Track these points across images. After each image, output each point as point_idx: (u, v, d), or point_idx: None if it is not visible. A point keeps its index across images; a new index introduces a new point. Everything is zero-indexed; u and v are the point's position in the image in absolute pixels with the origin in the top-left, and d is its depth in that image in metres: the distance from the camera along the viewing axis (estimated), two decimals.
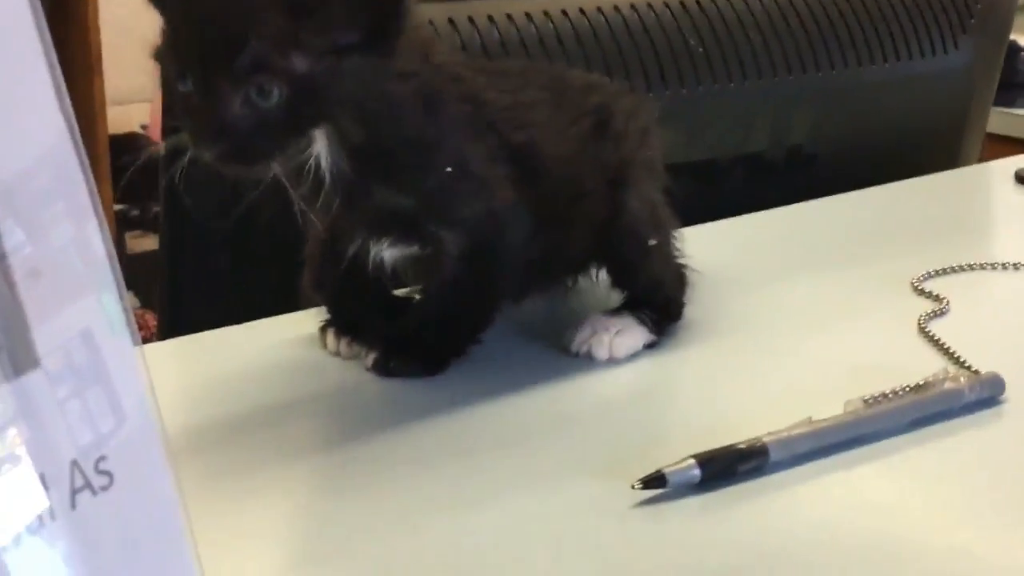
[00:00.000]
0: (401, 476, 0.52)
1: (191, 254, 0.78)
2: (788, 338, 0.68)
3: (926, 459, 0.54)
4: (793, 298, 0.73)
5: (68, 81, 0.36)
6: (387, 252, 0.61)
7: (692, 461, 0.50)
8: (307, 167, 0.55)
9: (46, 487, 0.32)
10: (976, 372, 0.60)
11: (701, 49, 0.86)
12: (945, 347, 0.64)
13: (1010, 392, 0.58)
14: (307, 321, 0.66)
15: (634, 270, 0.66)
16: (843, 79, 0.93)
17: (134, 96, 2.78)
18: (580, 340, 0.64)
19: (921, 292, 0.72)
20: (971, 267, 0.76)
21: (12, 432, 0.31)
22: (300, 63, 0.52)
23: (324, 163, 0.56)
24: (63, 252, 0.35)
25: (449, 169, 0.58)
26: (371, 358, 0.62)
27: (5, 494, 0.31)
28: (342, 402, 0.60)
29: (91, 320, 0.36)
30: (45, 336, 0.33)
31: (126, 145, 2.68)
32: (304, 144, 0.55)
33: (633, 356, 0.64)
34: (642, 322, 0.65)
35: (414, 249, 0.61)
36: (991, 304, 0.74)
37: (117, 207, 2.66)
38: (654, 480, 0.49)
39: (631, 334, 0.65)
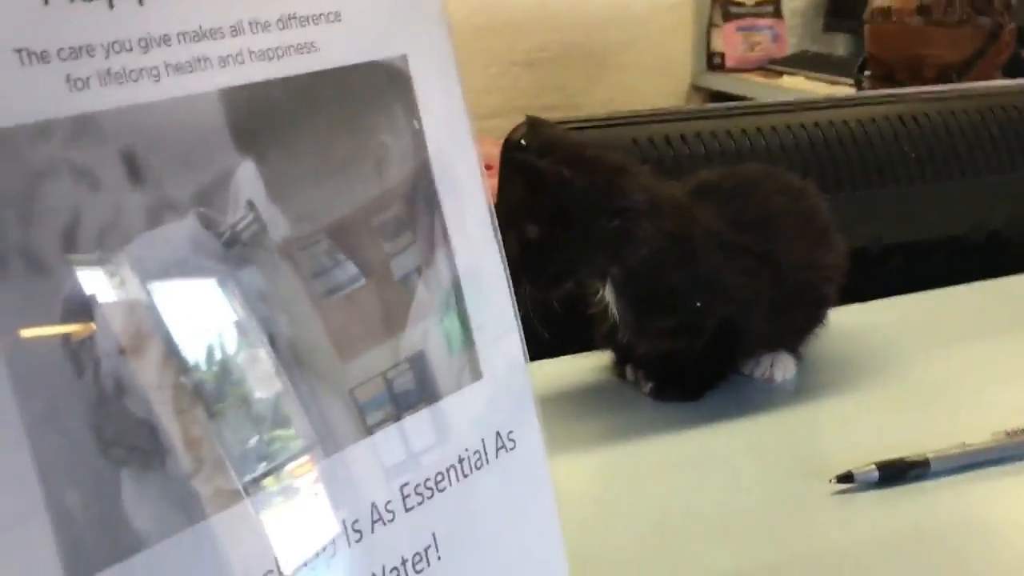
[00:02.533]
0: (659, 458, 0.77)
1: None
2: (954, 384, 0.90)
3: None
4: (971, 353, 0.95)
5: None
6: None
7: (873, 466, 0.73)
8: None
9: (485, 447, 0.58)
10: None
11: (914, 155, 1.08)
12: None
13: None
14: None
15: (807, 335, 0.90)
16: None
17: None
18: (761, 369, 0.89)
19: None
20: None
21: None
22: None
23: (611, 306, 0.82)
24: (486, 296, 0.60)
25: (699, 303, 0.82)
26: (648, 386, 0.88)
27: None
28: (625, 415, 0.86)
29: (502, 359, 0.61)
30: (487, 336, 0.58)
31: None
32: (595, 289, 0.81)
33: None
34: (790, 354, 0.90)
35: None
36: None
37: None
38: (845, 477, 0.72)
39: (789, 364, 0.90)
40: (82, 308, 0.42)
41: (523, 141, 0.97)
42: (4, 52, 0.41)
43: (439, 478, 0.55)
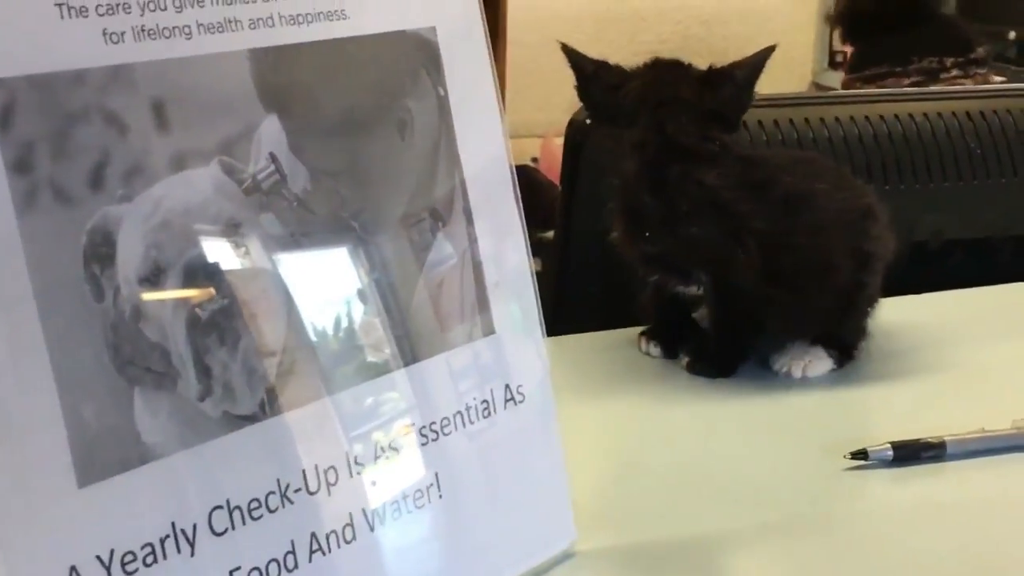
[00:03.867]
0: (678, 424, 0.80)
1: (572, 279, 1.07)
2: (977, 372, 0.91)
3: None
4: (1009, 344, 0.96)
5: None
6: (680, 289, 0.90)
7: (888, 444, 0.75)
8: None
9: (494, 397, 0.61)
10: None
11: (979, 151, 1.09)
12: None
13: None
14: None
15: (840, 326, 0.91)
16: None
17: (529, 131, 3.14)
18: (781, 363, 0.90)
19: None
20: None
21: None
22: None
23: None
24: (502, 256, 0.63)
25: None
26: (686, 361, 0.90)
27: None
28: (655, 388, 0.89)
29: (516, 317, 0.65)
30: (502, 292, 0.62)
31: (518, 176, 3.05)
32: None
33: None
34: (830, 355, 0.90)
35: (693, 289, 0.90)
36: None
37: None
38: (859, 454, 0.74)
39: (820, 363, 0.90)
40: (104, 239, 0.47)
41: (587, 121, 1.00)
42: (46, 5, 0.46)
43: (444, 423, 0.59)
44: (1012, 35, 3.79)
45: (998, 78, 2.65)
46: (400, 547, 0.56)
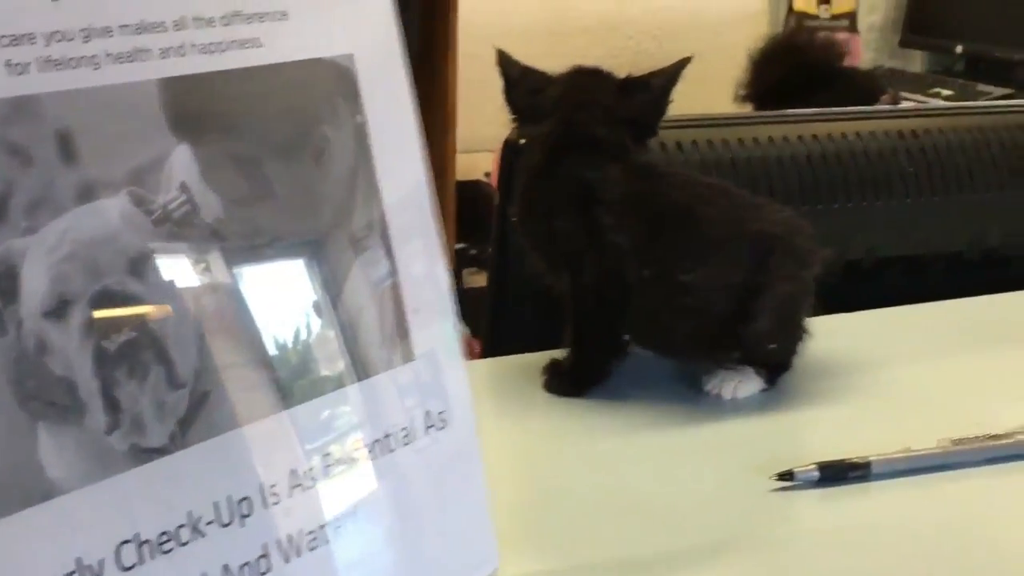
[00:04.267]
0: (602, 449, 0.80)
1: (509, 298, 1.07)
2: (905, 391, 0.92)
3: (993, 486, 0.77)
4: (932, 364, 0.97)
5: (428, 133, 0.63)
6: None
7: (814, 465, 0.75)
8: None
9: (414, 424, 0.62)
10: None
11: (912, 170, 1.10)
12: None
13: None
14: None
15: (755, 352, 0.89)
16: None
17: (481, 145, 3.13)
18: (712, 384, 0.90)
19: None
20: None
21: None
22: None
23: None
24: (422, 282, 0.64)
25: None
26: (543, 379, 0.91)
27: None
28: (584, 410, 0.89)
29: (437, 343, 0.64)
30: (421, 319, 0.62)
31: (470, 191, 3.05)
32: None
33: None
34: (758, 374, 0.89)
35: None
36: None
37: (458, 246, 3.05)
38: (786, 475, 0.75)
39: (749, 383, 0.89)
40: (7, 273, 0.46)
41: (521, 141, 1.00)
42: None
43: (368, 448, 0.58)
44: (959, 49, 3.84)
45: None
46: None
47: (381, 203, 0.61)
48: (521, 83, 0.90)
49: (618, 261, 0.86)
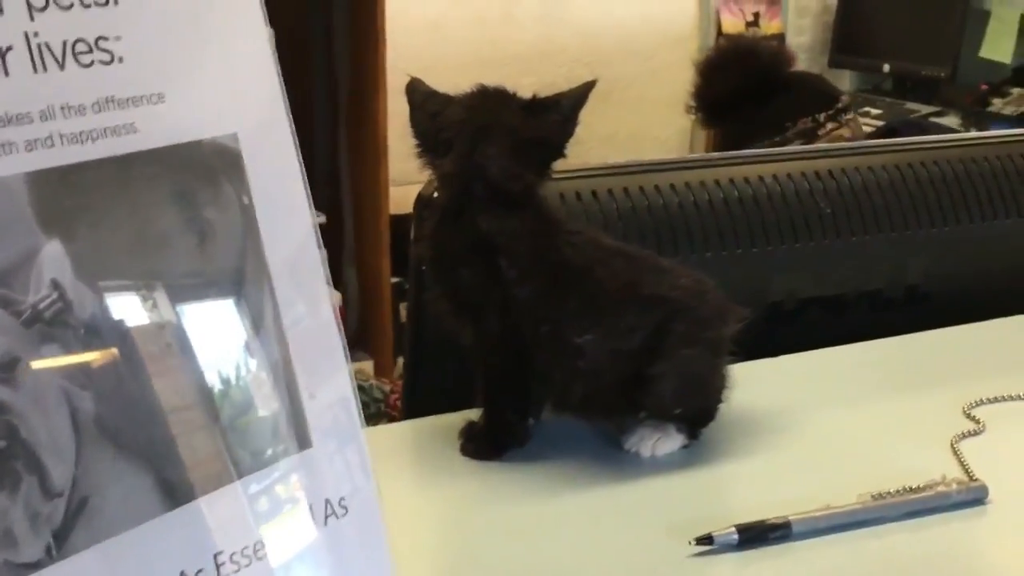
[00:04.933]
0: (519, 518, 0.79)
1: (430, 345, 1.05)
2: (826, 441, 0.91)
3: (913, 541, 0.76)
4: (853, 411, 0.96)
5: (361, 167, 0.61)
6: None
7: (733, 528, 0.74)
8: None
9: (312, 514, 0.59)
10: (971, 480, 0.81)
11: (829, 210, 1.09)
12: (963, 461, 0.85)
13: (995, 497, 0.79)
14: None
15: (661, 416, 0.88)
16: (954, 233, 1.14)
17: (412, 178, 3.12)
18: (631, 442, 0.88)
19: (968, 416, 0.93)
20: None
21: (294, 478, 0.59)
22: None
23: None
24: (327, 327, 0.61)
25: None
26: (460, 444, 0.89)
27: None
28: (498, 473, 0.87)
29: (346, 389, 0.62)
30: (319, 404, 0.60)
31: (405, 224, 3.03)
32: None
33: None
34: (679, 430, 0.87)
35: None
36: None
37: (394, 280, 3.02)
38: (705, 539, 0.73)
39: (670, 440, 0.87)
40: None
41: (435, 195, 0.98)
42: None
43: (257, 547, 0.56)
44: (887, 68, 3.88)
45: (865, 120, 2.68)
46: None
47: (272, 283, 0.59)
48: (424, 106, 0.87)
49: (520, 315, 0.84)
